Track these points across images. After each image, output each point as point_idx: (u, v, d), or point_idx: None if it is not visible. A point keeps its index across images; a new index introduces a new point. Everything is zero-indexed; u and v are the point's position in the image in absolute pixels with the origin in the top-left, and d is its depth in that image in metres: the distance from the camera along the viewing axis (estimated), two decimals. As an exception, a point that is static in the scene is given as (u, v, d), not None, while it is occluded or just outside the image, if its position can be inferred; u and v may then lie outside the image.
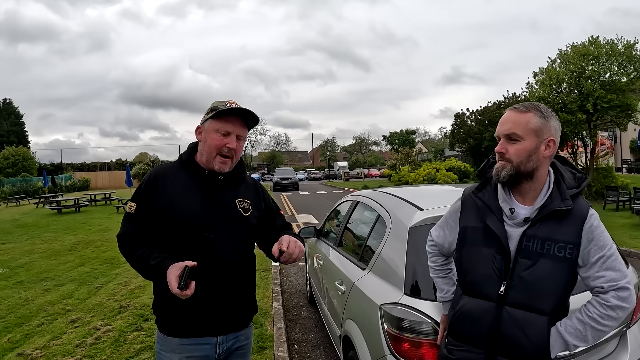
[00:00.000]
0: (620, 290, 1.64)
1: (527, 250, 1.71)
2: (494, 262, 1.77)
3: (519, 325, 1.70)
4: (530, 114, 1.73)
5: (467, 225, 1.90)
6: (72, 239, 12.31)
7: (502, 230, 1.77)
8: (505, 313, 1.73)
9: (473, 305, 1.82)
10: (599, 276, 1.68)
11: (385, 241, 3.04)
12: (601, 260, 1.68)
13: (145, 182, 2.09)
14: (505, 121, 1.77)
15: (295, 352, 4.67)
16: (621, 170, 30.65)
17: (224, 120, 2.05)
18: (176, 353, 2.05)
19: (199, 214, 2.03)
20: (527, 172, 1.74)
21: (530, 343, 1.69)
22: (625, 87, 16.48)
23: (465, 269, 1.88)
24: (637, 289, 2.98)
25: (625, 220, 12.47)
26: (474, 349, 1.82)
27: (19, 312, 5.86)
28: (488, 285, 1.78)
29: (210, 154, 2.06)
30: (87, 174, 51.72)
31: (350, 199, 4.70)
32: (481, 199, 1.88)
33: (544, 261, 1.69)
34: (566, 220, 1.71)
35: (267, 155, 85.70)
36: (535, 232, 1.71)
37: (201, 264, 1.97)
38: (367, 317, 2.84)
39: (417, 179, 27.53)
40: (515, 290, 1.72)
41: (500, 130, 1.79)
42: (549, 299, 1.70)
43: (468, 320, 1.84)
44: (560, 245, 1.69)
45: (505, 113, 1.80)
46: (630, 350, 2.75)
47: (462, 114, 34.25)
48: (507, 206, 1.80)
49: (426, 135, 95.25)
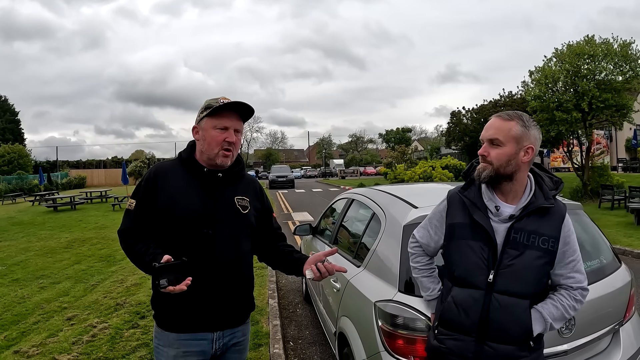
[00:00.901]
0: (585, 290, 1.96)
1: (515, 241, 1.89)
2: (482, 253, 1.92)
3: (505, 310, 1.88)
4: (513, 122, 1.90)
5: (454, 221, 2.04)
6: (68, 236, 12.28)
7: (489, 225, 1.93)
8: (494, 299, 1.89)
9: (464, 295, 1.96)
10: (570, 277, 1.95)
11: (380, 239, 3.06)
12: (572, 263, 1.95)
13: (145, 179, 2.11)
14: (490, 127, 1.95)
15: (290, 349, 4.68)
16: (616, 169, 30.77)
17: (219, 116, 2.07)
18: (173, 348, 2.07)
19: (199, 211, 2.06)
20: (507, 175, 1.91)
21: (516, 325, 1.88)
22: (620, 87, 16.49)
23: (455, 262, 2.01)
24: (631, 286, 3.01)
25: (620, 219, 12.53)
26: (464, 337, 1.94)
27: (15, 309, 5.86)
28: (477, 274, 1.93)
29: (212, 150, 2.08)
30: (83, 172, 51.60)
31: (345, 196, 4.71)
32: (467, 197, 2.02)
33: (529, 252, 1.88)
34: (548, 217, 1.92)
35: (263, 153, 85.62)
36: (522, 225, 1.90)
37: (200, 260, 2.01)
38: (361, 314, 2.86)
39: (413, 177, 27.52)
40: (502, 277, 1.88)
41: (484, 135, 1.96)
42: (532, 284, 1.91)
43: (459, 309, 1.96)
44: (544, 238, 1.89)
45: (491, 119, 1.98)
46: (622, 348, 2.78)
47: (458, 112, 34.30)
48: (492, 204, 1.96)
49: (422, 133, 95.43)
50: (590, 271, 2.84)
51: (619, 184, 17.12)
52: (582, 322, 2.52)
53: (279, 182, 37.29)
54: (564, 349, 2.48)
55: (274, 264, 2.37)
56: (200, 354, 2.09)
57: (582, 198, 17.49)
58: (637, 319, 3.05)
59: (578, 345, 2.53)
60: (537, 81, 17.98)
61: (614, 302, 2.81)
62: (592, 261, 2.94)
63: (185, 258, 1.91)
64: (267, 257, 2.39)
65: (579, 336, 2.53)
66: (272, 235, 2.37)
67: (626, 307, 2.89)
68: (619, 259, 3.19)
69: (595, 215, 12.56)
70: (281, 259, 2.33)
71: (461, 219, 2.01)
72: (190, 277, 1.87)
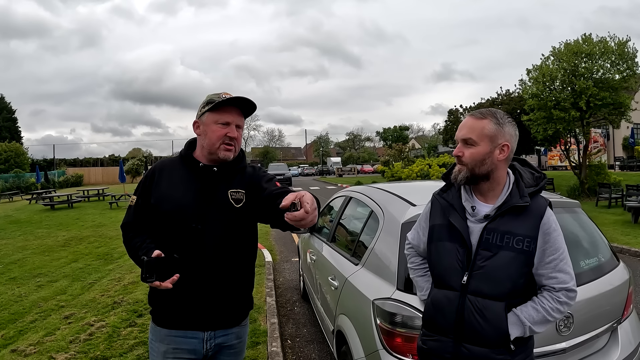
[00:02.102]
0: (570, 291, 1.84)
1: (487, 242, 1.85)
2: (457, 254, 1.90)
3: (479, 312, 1.84)
4: (486, 121, 1.87)
5: (434, 223, 2.04)
6: (65, 235, 12.26)
7: (464, 226, 1.91)
8: (468, 301, 1.86)
9: (440, 296, 1.96)
10: (552, 277, 1.84)
11: (378, 237, 3.05)
12: (554, 262, 1.84)
13: (146, 175, 2.16)
14: (463, 126, 1.91)
15: (288, 347, 4.68)
16: (614, 168, 30.80)
17: (221, 111, 2.06)
18: (164, 343, 2.07)
19: (189, 206, 2.04)
20: (483, 174, 1.88)
21: (491, 327, 1.82)
22: (617, 85, 16.53)
23: (434, 263, 2.02)
24: (629, 284, 3.01)
25: (617, 217, 12.57)
26: (443, 338, 1.93)
27: (12, 308, 5.84)
28: (452, 276, 1.91)
29: (213, 145, 2.07)
30: (80, 170, 51.45)
31: (343, 194, 4.71)
32: (445, 199, 2.03)
33: (503, 253, 1.82)
34: (524, 215, 1.86)
35: (260, 151, 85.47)
36: (496, 226, 1.85)
37: (190, 255, 1.99)
38: (360, 312, 2.85)
39: (410, 175, 27.58)
40: (475, 279, 1.85)
41: (457, 135, 1.93)
42: (506, 286, 1.83)
43: (436, 310, 1.96)
44: (518, 238, 1.82)
45: (464, 119, 1.94)
46: (621, 345, 2.79)
47: (455, 111, 34.20)
48: (469, 204, 1.94)
49: (420, 131, 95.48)
50: (589, 269, 2.85)
51: (616, 183, 17.19)
52: (581, 320, 2.53)
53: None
54: (563, 347, 2.48)
55: (282, 227, 2.02)
56: (190, 352, 2.08)
57: (579, 196, 17.54)
58: (635, 317, 3.05)
59: (576, 343, 2.54)
60: (535, 79, 18.02)
61: (612, 300, 2.81)
62: (590, 259, 2.94)
63: (177, 255, 1.90)
64: (275, 222, 2.05)
65: (577, 334, 2.53)
66: (273, 201, 2.00)
67: (624, 305, 2.90)
68: (617, 257, 3.19)
69: (592, 213, 12.57)
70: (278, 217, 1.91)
71: (439, 221, 2.01)
72: (177, 274, 1.87)
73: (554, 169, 36.20)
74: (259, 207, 2.11)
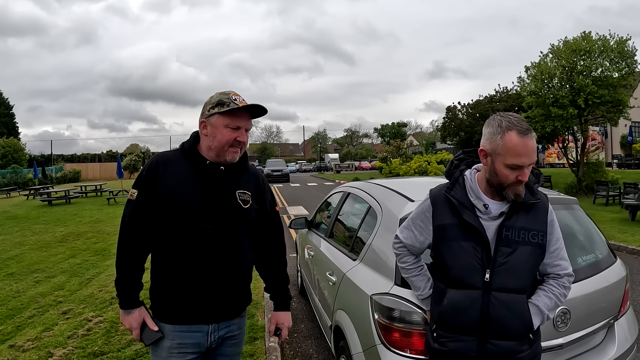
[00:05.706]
0: (571, 276, 2.04)
1: (507, 239, 1.91)
2: (476, 253, 1.93)
3: (505, 307, 1.90)
4: (533, 135, 1.88)
5: (443, 223, 2.03)
6: (63, 230, 12.24)
7: (479, 224, 1.94)
8: (493, 298, 1.90)
9: (460, 296, 1.95)
10: (557, 264, 2.01)
11: (376, 232, 3.05)
12: (557, 251, 2.01)
13: (146, 169, 2.09)
14: (530, 151, 1.84)
15: (286, 343, 4.69)
16: (611, 166, 30.83)
17: (234, 115, 2.03)
18: (168, 339, 2.07)
19: (198, 204, 2.03)
20: None
21: (517, 320, 1.91)
22: (616, 83, 16.55)
23: (448, 264, 2.00)
24: (626, 281, 3.02)
25: (615, 215, 12.61)
26: (466, 337, 1.94)
27: (10, 304, 5.84)
28: (473, 275, 1.93)
29: (222, 148, 2.05)
30: (78, 166, 51.33)
31: (341, 190, 4.70)
32: (454, 197, 2.01)
33: (522, 248, 1.91)
34: (534, 211, 1.97)
35: (258, 147, 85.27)
36: (513, 223, 1.93)
37: (197, 253, 2.01)
38: (357, 307, 2.85)
39: (408, 171, 27.56)
40: (498, 275, 1.90)
41: (532, 159, 1.86)
42: (527, 279, 1.96)
43: (457, 310, 1.95)
44: (533, 232, 1.94)
45: (526, 141, 1.85)
46: (617, 341, 2.79)
47: (453, 108, 34.25)
48: (480, 203, 1.97)
49: (417, 128, 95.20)
50: (586, 265, 2.85)
51: (614, 180, 17.21)
52: (578, 316, 2.53)
53: (274, 176, 37.26)
54: (560, 343, 2.49)
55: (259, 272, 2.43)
56: (195, 346, 2.09)
57: (576, 194, 17.57)
58: (631, 313, 3.06)
59: (573, 339, 2.54)
60: (533, 77, 18.03)
61: (609, 297, 2.82)
62: (588, 256, 2.95)
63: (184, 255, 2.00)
64: (256, 262, 2.42)
65: (574, 330, 2.54)
66: (266, 242, 2.39)
67: (621, 301, 2.90)
68: (614, 254, 3.20)
69: (589, 211, 12.58)
70: (264, 277, 2.46)
71: (450, 220, 2.00)
72: None
73: (552, 166, 36.22)
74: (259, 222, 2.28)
